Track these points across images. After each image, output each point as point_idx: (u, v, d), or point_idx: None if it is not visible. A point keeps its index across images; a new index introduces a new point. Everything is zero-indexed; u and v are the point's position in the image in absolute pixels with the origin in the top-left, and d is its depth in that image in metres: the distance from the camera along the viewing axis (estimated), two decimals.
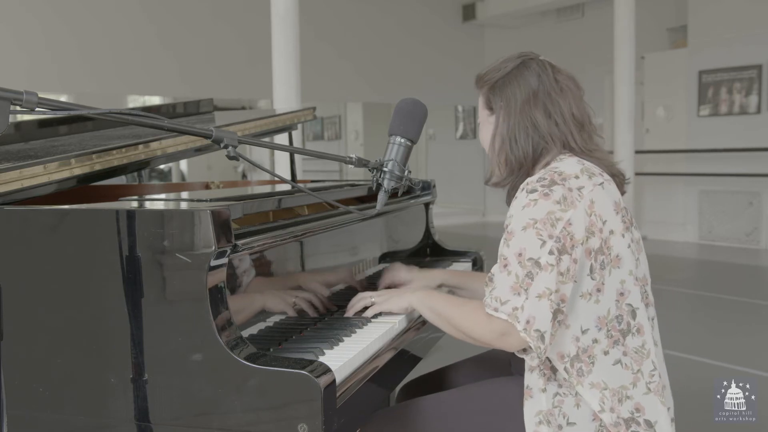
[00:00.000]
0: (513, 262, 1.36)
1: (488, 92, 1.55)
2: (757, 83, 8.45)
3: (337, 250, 1.85)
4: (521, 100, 1.49)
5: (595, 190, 1.41)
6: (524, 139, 1.49)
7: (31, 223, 1.31)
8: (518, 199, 1.41)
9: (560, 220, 1.35)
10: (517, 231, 1.37)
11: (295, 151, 1.66)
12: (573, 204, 1.37)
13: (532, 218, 1.36)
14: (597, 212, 1.39)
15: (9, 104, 1.10)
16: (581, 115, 1.52)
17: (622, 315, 1.41)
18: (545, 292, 1.32)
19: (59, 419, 1.28)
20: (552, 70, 1.53)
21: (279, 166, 5.79)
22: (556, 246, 1.34)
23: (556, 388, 1.42)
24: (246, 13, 9.09)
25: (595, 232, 1.38)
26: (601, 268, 1.39)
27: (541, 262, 1.33)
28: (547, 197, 1.37)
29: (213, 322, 1.19)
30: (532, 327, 1.32)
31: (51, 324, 1.28)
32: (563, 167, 1.43)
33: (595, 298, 1.40)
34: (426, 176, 6.96)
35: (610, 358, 1.40)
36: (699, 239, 8.99)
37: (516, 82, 1.51)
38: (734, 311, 5.46)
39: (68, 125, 2.16)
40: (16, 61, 8.11)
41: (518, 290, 1.34)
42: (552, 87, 1.50)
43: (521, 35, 11.75)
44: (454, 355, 1.94)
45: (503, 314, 1.34)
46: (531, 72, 1.51)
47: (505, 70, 1.53)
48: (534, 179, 1.41)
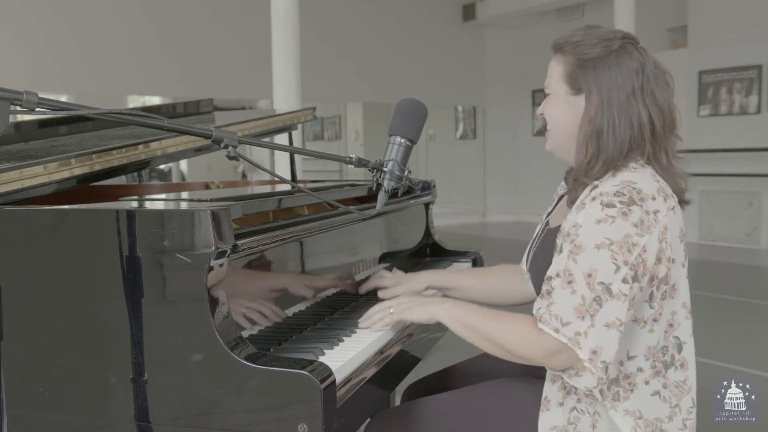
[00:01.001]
0: (580, 282, 1.26)
1: (575, 68, 1.41)
2: (757, 83, 8.45)
3: (337, 250, 1.85)
4: (626, 90, 1.37)
5: (668, 215, 1.33)
6: (624, 132, 1.37)
7: (31, 223, 1.31)
8: (589, 209, 1.30)
9: (636, 246, 1.27)
10: (589, 248, 1.27)
11: (295, 151, 1.66)
12: (649, 229, 1.29)
13: (608, 238, 1.26)
14: (668, 240, 1.32)
15: (9, 104, 1.10)
16: (674, 117, 1.42)
17: (667, 347, 1.37)
18: (614, 323, 1.25)
19: (59, 419, 1.28)
20: (654, 62, 1.41)
21: (279, 166, 5.79)
22: (630, 274, 1.26)
23: (574, 402, 1.38)
24: (246, 13, 9.09)
25: (663, 260, 1.32)
26: (662, 298, 1.34)
27: (613, 289, 1.25)
28: (626, 217, 1.27)
29: (213, 322, 1.19)
30: (599, 358, 1.25)
31: (51, 324, 1.28)
32: (641, 184, 1.32)
33: (650, 327, 1.34)
34: (426, 176, 6.96)
35: (650, 389, 1.36)
36: (699, 239, 8.99)
37: (618, 67, 1.38)
38: (734, 311, 5.46)
39: (68, 125, 2.16)
40: (16, 61, 8.11)
41: (583, 314, 1.25)
42: (654, 81, 1.39)
43: (521, 35, 11.75)
44: (456, 356, 1.94)
45: (563, 337, 1.26)
46: (634, 60, 1.39)
47: (605, 47, 1.39)
48: (610, 191, 1.30)
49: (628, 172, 1.36)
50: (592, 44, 1.40)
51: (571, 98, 1.43)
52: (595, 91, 1.39)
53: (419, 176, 5.97)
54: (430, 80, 11.13)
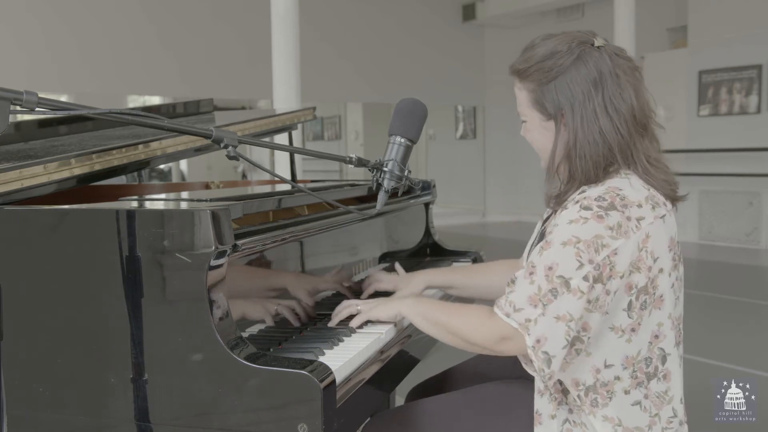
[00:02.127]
0: (540, 273, 1.27)
1: (538, 94, 1.38)
2: (757, 83, 8.45)
3: (337, 250, 1.85)
4: (587, 105, 1.33)
5: (655, 223, 1.31)
6: (593, 150, 1.34)
7: (31, 223, 1.31)
8: (568, 210, 1.31)
9: (606, 247, 1.25)
10: (556, 244, 1.27)
11: (295, 151, 1.66)
12: (626, 234, 1.27)
13: (575, 236, 1.26)
14: (650, 248, 1.30)
15: (9, 104, 1.10)
16: (642, 113, 1.37)
17: (651, 358, 1.34)
18: (565, 317, 1.24)
19: (59, 419, 1.28)
20: (611, 60, 1.35)
21: (279, 166, 5.79)
22: (593, 273, 1.25)
23: (566, 413, 1.37)
24: (246, 13, 9.09)
25: (642, 268, 1.29)
26: (641, 308, 1.31)
27: (572, 284, 1.25)
28: (601, 220, 1.27)
29: (213, 322, 1.19)
30: (541, 347, 1.25)
31: (51, 324, 1.28)
32: (628, 191, 1.31)
33: (628, 337, 1.32)
34: (426, 176, 6.96)
35: (630, 398, 1.34)
36: (699, 239, 8.99)
37: (576, 81, 1.34)
38: (734, 311, 5.46)
39: (68, 125, 2.16)
40: (17, 61, 8.11)
41: (536, 302, 1.25)
42: (613, 86, 1.34)
43: (521, 35, 11.73)
44: (457, 356, 1.93)
45: (514, 321, 1.26)
46: (590, 67, 1.34)
47: (560, 65, 1.34)
48: (593, 195, 1.30)
49: (619, 178, 1.34)
50: (547, 65, 1.35)
51: (545, 123, 1.41)
52: (560, 113, 1.36)
53: (419, 176, 5.97)
54: (430, 80, 11.13)
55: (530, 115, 1.43)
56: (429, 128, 12.98)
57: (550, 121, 1.40)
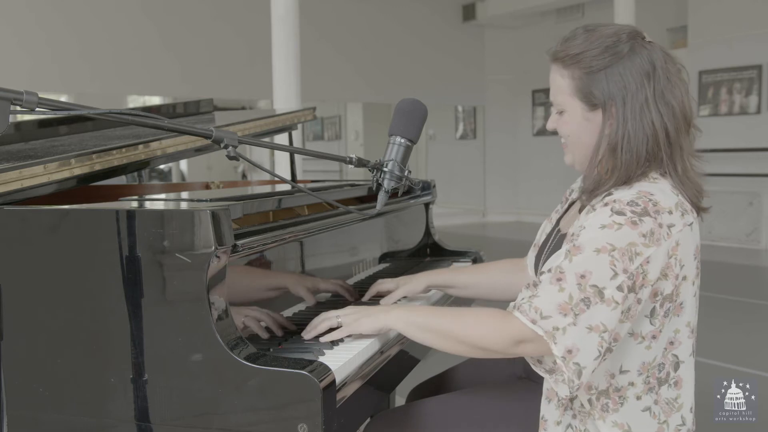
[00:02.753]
0: (571, 281, 1.21)
1: (589, 82, 1.32)
2: (757, 83, 8.45)
3: (337, 250, 1.85)
4: (638, 96, 1.29)
5: (684, 231, 1.28)
6: (640, 143, 1.30)
7: (31, 223, 1.31)
8: (598, 213, 1.26)
9: (639, 256, 1.22)
10: (588, 250, 1.22)
11: (295, 151, 1.66)
12: (658, 242, 1.24)
13: (610, 243, 1.22)
14: (679, 256, 1.27)
15: (9, 104, 1.10)
16: (689, 112, 1.33)
17: (664, 364, 1.33)
18: (599, 328, 1.20)
19: (59, 419, 1.28)
20: (663, 56, 1.32)
21: (279, 166, 5.79)
22: (627, 283, 1.21)
23: (570, 419, 1.36)
24: (246, 13, 9.09)
25: (670, 276, 1.27)
26: (664, 316, 1.29)
27: (606, 293, 1.20)
28: (635, 226, 1.23)
29: (213, 322, 1.19)
30: (573, 358, 1.20)
31: (51, 324, 1.28)
32: (659, 196, 1.27)
33: (648, 344, 1.30)
34: (426, 176, 6.96)
35: (641, 404, 1.32)
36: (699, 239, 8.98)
37: (630, 74, 1.29)
38: (734, 311, 5.46)
39: (68, 125, 2.16)
40: (18, 62, 8.11)
41: (567, 311, 1.20)
42: (665, 80, 1.30)
43: (521, 35, 11.75)
44: (458, 357, 1.93)
45: (540, 329, 1.20)
46: (644, 61, 1.30)
47: (613, 54, 1.30)
48: (624, 199, 1.26)
49: (647, 183, 1.31)
50: (598, 53, 1.31)
51: (589, 114, 1.35)
52: (610, 104, 1.31)
53: (419, 176, 5.97)
54: (430, 80, 11.13)
55: (571, 104, 1.36)
56: (429, 128, 12.99)
57: (595, 112, 1.34)
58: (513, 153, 11.96)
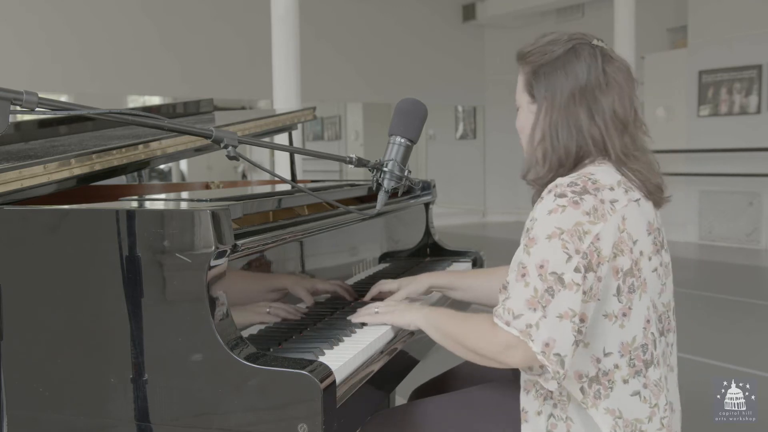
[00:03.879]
0: (533, 274, 1.25)
1: (531, 76, 1.42)
2: (757, 83, 8.45)
3: (337, 250, 1.85)
4: (567, 94, 1.37)
5: (629, 206, 1.32)
6: (567, 137, 1.37)
7: (31, 223, 1.31)
8: (544, 201, 1.31)
9: (588, 234, 1.25)
10: (541, 239, 1.27)
11: (295, 151, 1.66)
12: (604, 217, 1.27)
13: (558, 227, 1.26)
14: (628, 230, 1.30)
15: (9, 104, 1.10)
16: (624, 113, 1.39)
17: (647, 344, 1.33)
18: (568, 314, 1.23)
19: (59, 419, 1.28)
20: (602, 59, 1.39)
21: (279, 166, 5.79)
22: (582, 263, 1.24)
23: (550, 408, 1.37)
24: (246, 13, 9.09)
25: (625, 251, 1.29)
26: (629, 291, 1.31)
27: (566, 279, 1.23)
28: (577, 206, 1.27)
29: (213, 322, 1.19)
30: (552, 350, 1.22)
31: (51, 324, 1.28)
32: (599, 175, 1.33)
33: (620, 322, 1.31)
34: (426, 176, 6.96)
35: (629, 388, 1.33)
36: (699, 239, 8.99)
37: (563, 71, 1.38)
38: (734, 311, 5.46)
39: (68, 125, 2.16)
40: (18, 62, 8.11)
41: (535, 305, 1.24)
42: (598, 82, 1.37)
43: (521, 35, 11.71)
44: (458, 357, 1.93)
45: (515, 330, 1.24)
46: (581, 61, 1.38)
47: (552, 54, 1.40)
48: (564, 182, 1.31)
49: (592, 166, 1.36)
50: (543, 51, 1.41)
51: (531, 107, 1.44)
52: (545, 96, 1.40)
53: (419, 176, 5.97)
54: (430, 80, 11.13)
55: (522, 98, 1.46)
56: (429, 128, 12.99)
57: (533, 104, 1.43)
58: (513, 153, 11.91)
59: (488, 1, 11.22)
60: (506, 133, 12.03)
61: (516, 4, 10.74)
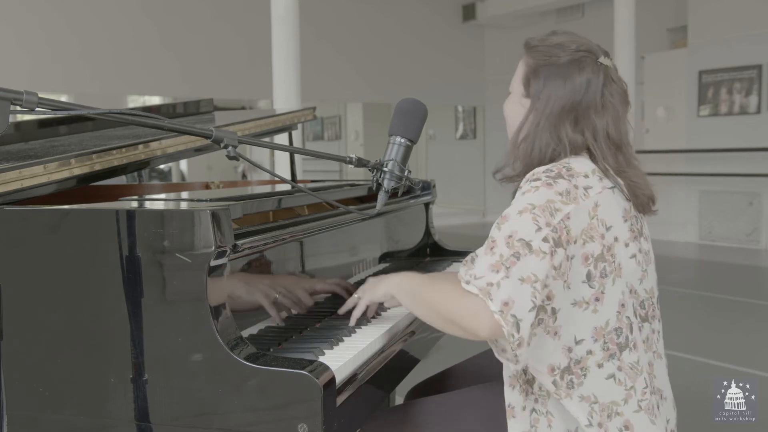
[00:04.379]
0: (501, 244, 1.26)
1: (531, 72, 1.44)
2: (757, 83, 8.45)
3: (337, 250, 1.85)
4: (558, 106, 1.39)
5: (603, 193, 1.34)
6: (545, 145, 1.40)
7: (31, 223, 1.31)
8: (521, 188, 1.35)
9: (559, 212, 1.27)
10: (512, 215, 1.28)
11: (295, 151, 1.66)
12: (576, 200, 1.30)
13: (530, 203, 1.28)
14: (600, 217, 1.31)
15: (9, 104, 1.10)
16: (618, 136, 1.41)
17: (621, 328, 1.34)
18: (530, 278, 1.22)
19: (59, 419, 1.28)
20: (604, 80, 1.40)
21: (279, 166, 5.79)
22: (552, 235, 1.25)
23: (532, 403, 1.37)
24: (246, 13, 9.09)
25: (595, 237, 1.30)
26: (601, 276, 1.31)
27: (533, 245, 1.24)
28: (550, 187, 1.30)
29: (213, 322, 1.19)
30: (509, 311, 1.20)
31: (51, 324, 1.28)
32: (574, 164, 1.35)
33: (593, 307, 1.32)
34: (426, 176, 6.96)
35: (604, 372, 1.33)
36: (699, 239, 8.99)
37: (563, 80, 1.39)
38: (734, 311, 5.46)
39: (68, 125, 2.16)
40: (18, 62, 8.11)
41: (498, 267, 1.23)
42: (594, 102, 1.39)
43: (521, 35, 11.58)
44: (458, 356, 1.94)
45: (474, 287, 1.23)
46: (582, 76, 1.39)
47: (557, 59, 1.41)
48: (540, 170, 1.34)
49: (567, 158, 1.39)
50: (551, 52, 1.42)
51: (523, 100, 1.46)
52: (536, 98, 1.42)
53: (419, 176, 5.97)
54: (430, 80, 11.13)
55: (516, 87, 1.48)
56: (429, 128, 12.99)
57: (526, 99, 1.45)
58: None
59: (488, 1, 11.21)
60: (506, 133, 12.03)
61: (516, 4, 10.74)
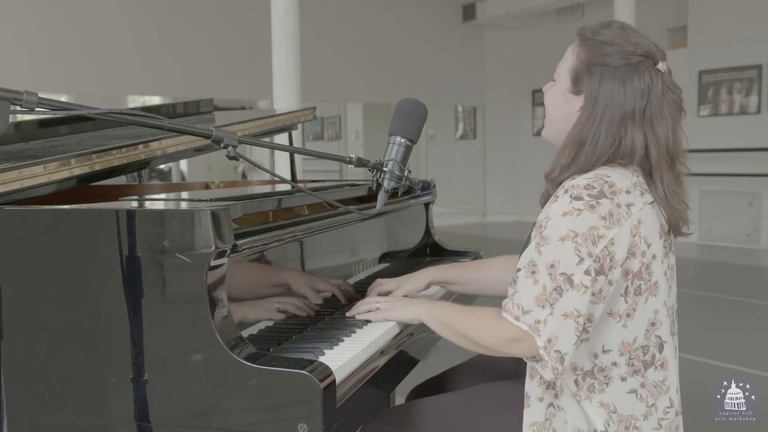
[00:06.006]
0: (543, 272, 1.26)
1: (584, 68, 1.38)
2: (757, 83, 8.46)
3: (337, 250, 1.85)
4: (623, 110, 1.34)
5: (644, 209, 1.32)
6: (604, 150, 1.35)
7: (31, 223, 1.31)
8: (560, 202, 1.31)
9: (603, 238, 1.26)
10: (554, 240, 1.27)
11: (295, 151, 1.66)
12: (619, 222, 1.28)
13: (572, 230, 1.27)
14: (642, 234, 1.31)
15: (9, 104, 1.10)
16: (675, 147, 1.37)
17: (648, 346, 1.35)
18: (573, 313, 1.24)
19: (59, 419, 1.28)
20: (663, 86, 1.36)
21: (279, 166, 5.79)
22: (594, 266, 1.25)
23: (551, 398, 1.38)
24: (246, 13, 9.09)
25: (637, 254, 1.30)
26: (636, 294, 1.32)
27: (575, 279, 1.25)
28: (593, 210, 1.27)
29: (213, 322, 1.19)
30: (553, 347, 1.25)
31: (51, 324, 1.28)
32: (615, 177, 1.32)
33: (623, 322, 1.33)
34: (426, 176, 6.96)
35: (626, 386, 1.34)
36: (699, 239, 8.99)
37: (621, 84, 1.34)
38: (734, 311, 5.46)
39: (68, 125, 2.16)
40: (18, 62, 8.11)
41: (543, 303, 1.25)
42: (656, 110, 1.35)
43: (521, 35, 11.75)
44: (458, 356, 1.94)
45: (524, 324, 1.26)
46: (642, 81, 1.34)
47: (613, 59, 1.35)
48: (581, 184, 1.30)
49: (608, 167, 1.36)
50: (610, 50, 1.36)
51: (570, 96, 1.41)
52: (592, 99, 1.36)
53: (419, 176, 5.97)
54: (430, 80, 11.13)
55: (563, 78, 1.43)
56: (429, 128, 12.99)
57: (575, 96, 1.40)
58: (513, 153, 11.95)
59: (488, 1, 11.21)
60: (506, 133, 12.05)
61: (516, 4, 10.74)
